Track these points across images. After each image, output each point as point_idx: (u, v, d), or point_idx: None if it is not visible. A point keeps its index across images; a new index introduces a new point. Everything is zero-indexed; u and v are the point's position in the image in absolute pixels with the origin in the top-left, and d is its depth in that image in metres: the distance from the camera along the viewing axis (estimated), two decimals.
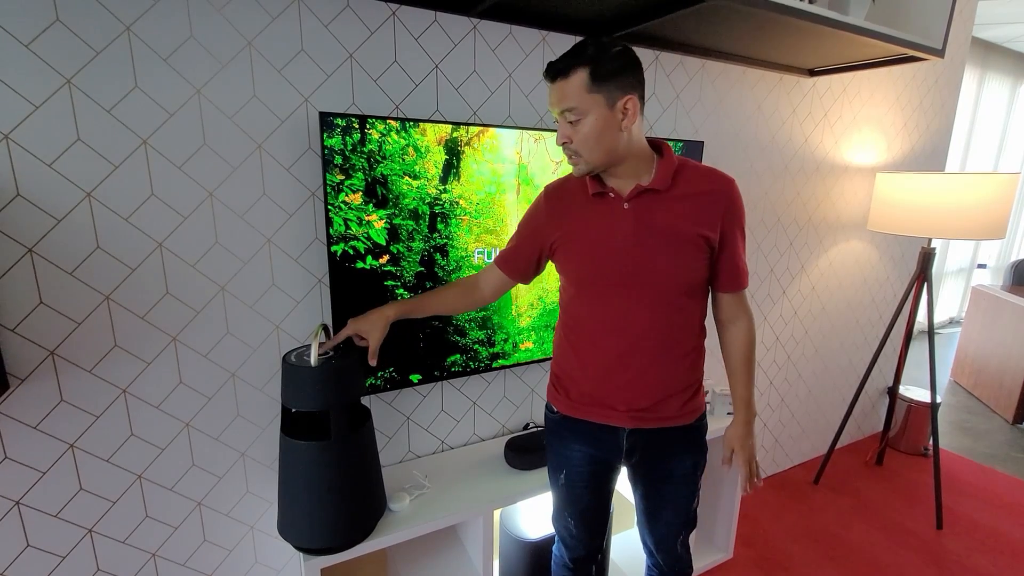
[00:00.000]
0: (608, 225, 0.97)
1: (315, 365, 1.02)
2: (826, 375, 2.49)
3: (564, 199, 1.04)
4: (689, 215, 0.95)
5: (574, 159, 0.94)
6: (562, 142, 0.93)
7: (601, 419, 1.04)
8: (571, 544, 1.19)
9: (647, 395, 1.01)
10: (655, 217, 0.95)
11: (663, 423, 1.03)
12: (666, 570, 1.20)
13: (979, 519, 2.13)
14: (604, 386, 1.02)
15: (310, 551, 1.08)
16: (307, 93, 1.16)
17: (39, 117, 0.94)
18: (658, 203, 0.96)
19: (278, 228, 1.19)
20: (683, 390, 1.03)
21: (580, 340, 1.04)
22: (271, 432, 1.28)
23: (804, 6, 1.23)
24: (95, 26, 0.95)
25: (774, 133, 1.94)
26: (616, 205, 0.97)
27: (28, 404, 1.01)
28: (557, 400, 1.11)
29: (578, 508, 1.13)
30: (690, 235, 0.95)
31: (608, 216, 0.97)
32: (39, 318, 1.00)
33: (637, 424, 1.03)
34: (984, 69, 4.25)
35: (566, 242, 1.02)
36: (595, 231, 0.98)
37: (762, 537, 1.98)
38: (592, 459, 1.09)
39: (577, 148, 0.92)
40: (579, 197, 1.01)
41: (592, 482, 1.11)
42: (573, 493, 1.12)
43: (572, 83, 0.87)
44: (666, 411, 1.03)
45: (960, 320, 4.87)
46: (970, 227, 1.86)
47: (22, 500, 1.04)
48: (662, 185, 0.95)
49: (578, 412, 1.07)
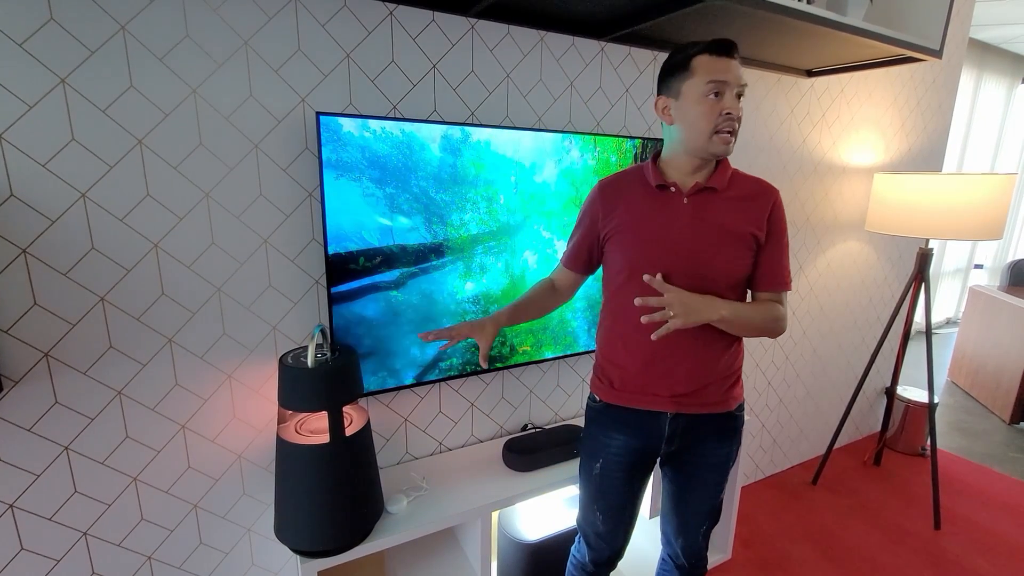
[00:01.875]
0: (667, 216, 1.02)
1: (312, 367, 1.02)
2: (824, 376, 2.49)
3: (619, 190, 1.08)
4: (740, 214, 1.02)
5: (732, 139, 0.98)
6: (738, 112, 0.96)
7: (644, 405, 1.07)
8: (595, 545, 1.19)
9: (690, 381, 1.05)
10: (711, 213, 1.01)
11: (705, 409, 1.07)
12: (684, 561, 1.21)
13: (976, 519, 2.13)
14: (648, 372, 1.06)
15: (307, 553, 1.07)
16: (304, 93, 1.15)
17: (33, 117, 0.93)
18: (714, 201, 1.02)
19: (275, 229, 1.18)
20: (724, 378, 1.07)
21: (628, 328, 1.06)
22: (268, 434, 1.27)
23: (802, 6, 1.23)
24: (90, 25, 0.95)
25: (772, 133, 1.94)
26: (677, 199, 1.03)
27: (22, 406, 1.00)
28: (600, 390, 1.13)
29: (609, 502, 1.14)
30: (741, 232, 1.01)
31: (668, 208, 1.03)
32: (33, 319, 0.99)
33: (679, 408, 1.06)
34: (981, 70, 4.26)
35: (622, 230, 1.05)
36: (654, 221, 1.03)
37: (760, 537, 1.98)
38: (630, 449, 1.10)
39: (739, 122, 0.97)
40: (636, 188, 1.07)
41: (627, 473, 1.12)
42: (606, 484, 1.13)
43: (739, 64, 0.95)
44: (708, 397, 1.06)
45: (957, 320, 4.89)
46: (967, 228, 1.86)
47: (16, 503, 1.03)
48: (719, 185, 1.02)
49: (621, 400, 1.09)
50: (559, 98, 1.48)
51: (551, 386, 1.69)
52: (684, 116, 0.98)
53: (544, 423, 1.70)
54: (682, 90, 0.97)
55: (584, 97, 1.52)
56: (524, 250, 1.42)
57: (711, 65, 0.94)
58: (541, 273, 1.45)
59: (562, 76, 1.47)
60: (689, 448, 1.11)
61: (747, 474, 2.32)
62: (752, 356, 2.16)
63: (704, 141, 0.97)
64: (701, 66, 0.94)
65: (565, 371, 1.70)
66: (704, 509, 1.15)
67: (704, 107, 0.95)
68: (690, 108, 0.96)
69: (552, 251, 1.46)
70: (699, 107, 0.95)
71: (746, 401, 2.18)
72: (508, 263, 1.40)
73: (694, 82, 0.95)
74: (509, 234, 1.38)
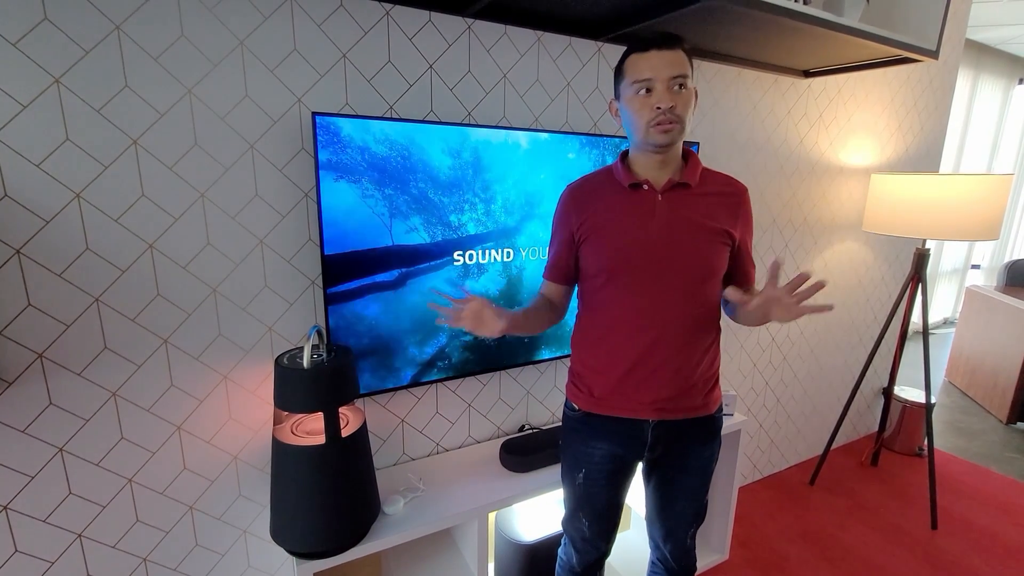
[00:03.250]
0: (643, 215, 1.01)
1: (308, 368, 1.01)
2: (821, 376, 2.49)
3: (590, 193, 1.07)
4: (714, 211, 1.02)
5: (674, 126, 0.95)
6: (669, 105, 0.93)
7: (626, 413, 1.06)
8: (582, 548, 1.19)
9: (672, 385, 1.03)
10: (686, 210, 1.01)
11: (687, 413, 1.06)
12: (673, 564, 1.21)
13: (973, 519, 2.13)
14: (630, 379, 1.04)
15: (303, 555, 1.07)
16: (300, 93, 1.15)
17: (27, 117, 0.93)
18: (688, 197, 1.02)
19: (271, 229, 1.18)
20: (704, 381, 1.07)
21: (608, 333, 1.05)
22: (264, 435, 1.26)
23: (799, 7, 1.23)
24: (84, 25, 0.94)
25: (769, 134, 1.94)
26: (651, 197, 1.01)
27: (16, 407, 1.00)
28: (579, 398, 1.11)
29: (595, 508, 1.14)
30: (717, 229, 1.01)
31: (642, 206, 1.01)
32: (27, 320, 0.98)
33: (662, 415, 1.05)
34: (978, 71, 4.27)
35: (596, 233, 1.04)
36: (628, 221, 1.01)
37: (758, 538, 1.98)
38: (613, 457, 1.10)
39: (680, 113, 0.95)
40: (607, 189, 1.05)
41: (611, 480, 1.11)
42: (591, 492, 1.12)
43: (680, 54, 0.94)
44: (689, 402, 1.05)
45: (954, 321, 4.90)
46: (964, 228, 1.87)
47: (10, 505, 1.02)
48: (692, 181, 1.01)
49: (602, 408, 1.08)
50: (556, 98, 1.48)
51: (548, 387, 1.69)
52: (626, 116, 0.99)
53: (541, 424, 1.69)
54: (620, 91, 1.00)
55: (581, 97, 1.52)
56: (522, 250, 1.41)
57: (636, 64, 0.95)
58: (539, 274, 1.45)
59: (559, 76, 1.46)
60: (672, 453, 1.10)
61: (744, 475, 2.32)
62: (750, 357, 2.17)
63: (643, 135, 0.97)
64: (629, 66, 0.96)
65: (562, 372, 1.70)
66: (689, 512, 1.15)
67: (635, 105, 0.96)
68: (627, 108, 0.98)
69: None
70: (632, 105, 0.96)
71: (743, 401, 2.19)
72: (506, 264, 1.40)
73: (625, 83, 0.97)
74: (507, 235, 1.38)
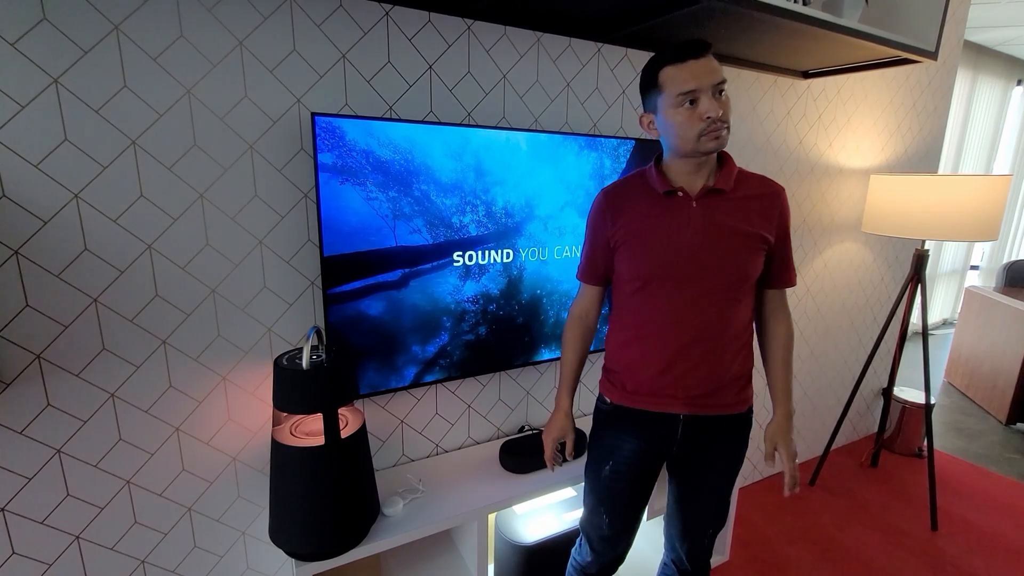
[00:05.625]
0: (678, 222, 1.01)
1: (307, 368, 1.01)
2: (821, 377, 2.49)
3: (624, 198, 1.07)
4: (750, 215, 1.02)
5: (723, 132, 0.95)
6: (719, 114, 0.92)
7: (658, 407, 1.06)
8: (599, 548, 1.18)
9: (705, 383, 1.04)
10: (721, 216, 1.00)
11: (719, 410, 1.07)
12: (687, 566, 1.20)
13: (973, 520, 2.13)
14: (664, 377, 1.05)
15: (302, 557, 1.07)
16: (299, 94, 1.15)
17: (25, 117, 0.92)
18: (723, 203, 1.01)
19: (270, 230, 1.18)
20: (737, 379, 1.07)
21: (643, 333, 1.06)
22: (263, 436, 1.26)
23: (798, 8, 1.23)
24: (83, 25, 0.94)
25: (769, 135, 1.94)
26: (685, 203, 1.01)
27: (14, 409, 1.00)
28: (612, 392, 1.12)
29: (617, 504, 1.14)
30: (752, 233, 1.01)
31: (677, 213, 1.01)
32: (25, 321, 0.98)
33: (693, 410, 1.05)
34: (976, 72, 4.28)
35: (632, 238, 1.04)
36: (664, 227, 1.02)
37: (758, 539, 1.98)
38: (641, 453, 1.10)
39: (726, 119, 0.94)
40: (642, 195, 1.05)
41: (636, 476, 1.12)
42: (615, 487, 1.13)
43: (714, 60, 0.93)
44: (722, 399, 1.06)
45: (953, 321, 4.90)
46: (963, 229, 1.87)
47: (7, 507, 1.02)
48: (727, 186, 1.01)
49: (635, 402, 1.08)
50: (556, 99, 1.47)
51: (548, 388, 1.68)
52: (668, 129, 0.97)
53: (541, 425, 1.69)
54: (658, 105, 0.97)
55: (581, 98, 1.52)
56: (523, 251, 1.41)
57: (675, 76, 0.92)
58: (538, 274, 1.45)
59: (559, 77, 1.46)
60: (699, 450, 1.10)
61: (745, 475, 2.32)
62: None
63: (693, 144, 0.95)
64: (667, 79, 0.93)
65: None
66: (711, 511, 1.14)
67: (682, 117, 0.94)
68: (670, 121, 0.95)
69: (550, 253, 1.45)
70: (678, 118, 0.94)
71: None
72: (507, 265, 1.40)
73: (666, 96, 0.94)
74: (507, 236, 1.38)
